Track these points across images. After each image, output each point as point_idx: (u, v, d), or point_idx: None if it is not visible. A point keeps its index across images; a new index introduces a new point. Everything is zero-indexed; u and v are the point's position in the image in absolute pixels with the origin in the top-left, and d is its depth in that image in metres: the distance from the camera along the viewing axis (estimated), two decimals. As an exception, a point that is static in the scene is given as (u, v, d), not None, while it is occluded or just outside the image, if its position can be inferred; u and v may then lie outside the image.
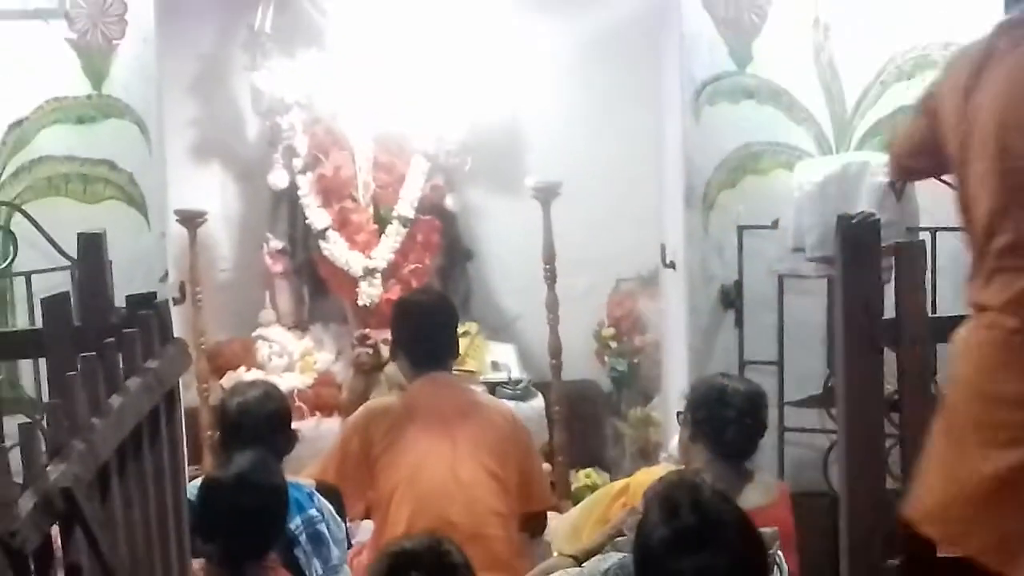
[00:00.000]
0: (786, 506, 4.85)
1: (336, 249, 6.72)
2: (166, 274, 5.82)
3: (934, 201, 5.42)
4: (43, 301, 4.21)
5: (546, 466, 6.15)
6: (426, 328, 5.46)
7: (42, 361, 4.61)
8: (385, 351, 6.13)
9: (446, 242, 6.94)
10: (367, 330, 6.45)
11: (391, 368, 5.99)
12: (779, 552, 4.17)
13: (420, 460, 5.25)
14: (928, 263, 4.39)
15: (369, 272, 6.66)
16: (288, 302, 6.87)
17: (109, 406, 3.20)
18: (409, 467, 5.25)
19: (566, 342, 6.55)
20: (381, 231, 6.79)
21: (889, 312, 4.20)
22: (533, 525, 5.30)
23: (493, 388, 6.31)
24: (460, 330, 6.34)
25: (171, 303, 4.71)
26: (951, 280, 4.88)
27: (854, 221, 4.31)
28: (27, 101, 5.74)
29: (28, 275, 5.50)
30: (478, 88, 6.81)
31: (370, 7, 6.80)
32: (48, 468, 2.75)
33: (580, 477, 6.40)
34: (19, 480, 2.60)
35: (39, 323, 4.29)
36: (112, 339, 3.48)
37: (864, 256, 4.22)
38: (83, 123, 5.78)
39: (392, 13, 6.79)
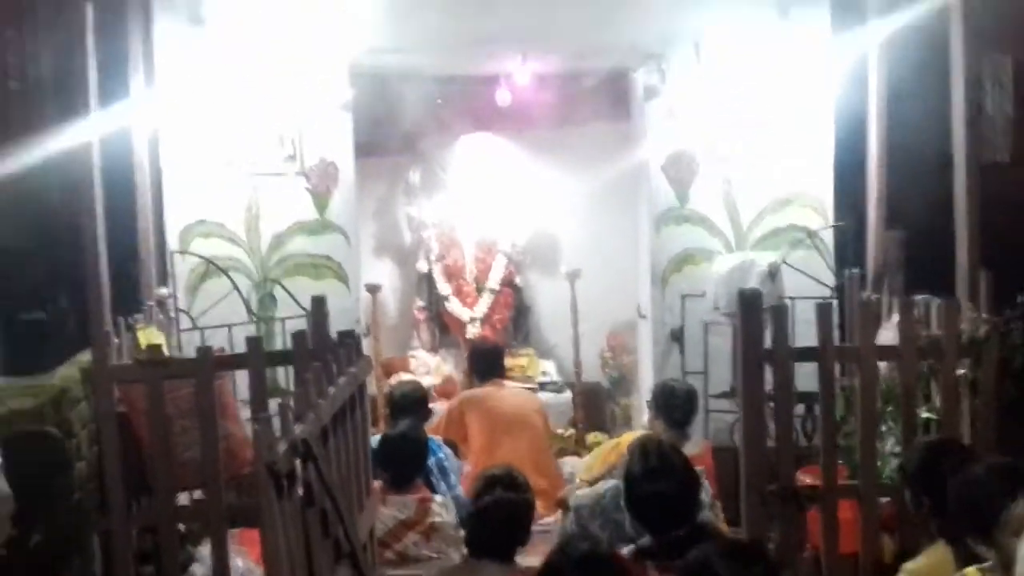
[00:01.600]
0: (709, 455, 4.96)
1: (454, 307, 7.01)
2: (358, 321, 5.91)
3: (791, 283, 5.74)
4: (292, 334, 4.39)
5: (571, 430, 6.39)
6: (485, 359, 5.78)
7: (291, 368, 4.53)
8: None
9: (515, 303, 7.18)
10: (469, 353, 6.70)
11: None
12: (705, 481, 4.22)
13: (492, 423, 5.48)
14: (791, 317, 4.54)
15: (472, 320, 6.96)
16: (427, 337, 7.12)
17: (328, 392, 3.29)
18: (488, 427, 5.47)
19: (584, 360, 6.79)
20: (479, 296, 7.02)
21: (767, 344, 4.31)
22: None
23: (543, 386, 6.60)
24: (523, 352, 6.75)
25: (362, 336, 5.03)
26: (803, 328, 5.04)
27: (748, 293, 4.40)
28: (284, 221, 5.90)
29: (283, 320, 5.68)
30: (534, 214, 7.12)
31: (471, 167, 7.08)
32: (294, 427, 2.84)
33: (591, 437, 6.52)
34: (278, 434, 2.73)
35: (289, 345, 4.44)
36: (330, 355, 3.63)
37: (754, 313, 4.30)
38: (313, 235, 5.94)
39: (484, 170, 7.08)
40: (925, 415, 4.47)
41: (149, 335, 4.71)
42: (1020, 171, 6.14)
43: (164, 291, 5.51)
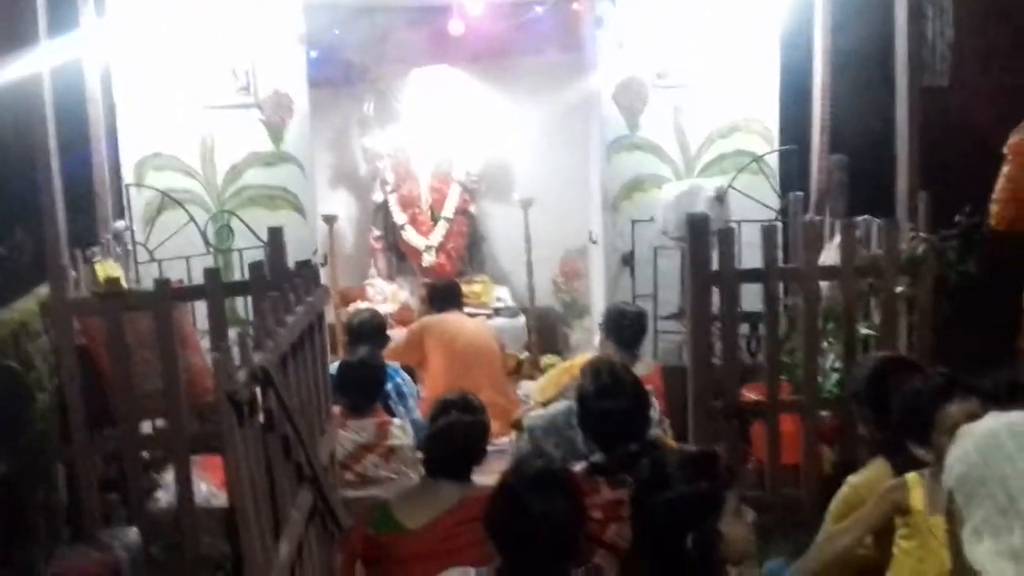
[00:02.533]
0: (658, 375, 4.94)
1: (410, 235, 7.00)
2: (316, 251, 5.86)
3: (738, 207, 5.76)
4: (250, 265, 4.37)
5: (525, 353, 6.43)
6: (442, 295, 5.80)
7: (249, 299, 4.48)
8: None
9: (470, 231, 7.17)
10: (427, 280, 6.76)
11: None
12: (654, 399, 4.00)
13: (450, 348, 5.50)
14: (737, 240, 4.56)
15: (428, 248, 6.96)
16: (384, 265, 7.10)
17: (286, 321, 3.25)
18: (445, 352, 5.49)
19: (537, 286, 6.81)
20: (434, 225, 7.01)
21: (714, 266, 4.35)
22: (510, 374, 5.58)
23: (498, 311, 6.61)
24: (477, 279, 6.75)
25: (319, 266, 4.94)
26: (749, 251, 5.02)
27: (696, 217, 4.44)
28: (239, 153, 5.84)
29: (240, 251, 5.64)
30: (487, 143, 7.07)
31: (425, 98, 7.00)
32: (254, 356, 2.80)
33: (546, 359, 6.57)
34: (238, 363, 2.68)
35: (247, 276, 4.40)
36: (287, 285, 3.55)
37: (701, 237, 4.35)
38: (269, 166, 5.90)
39: (438, 100, 7.00)
40: (864, 331, 4.55)
41: (107, 268, 4.68)
42: (959, 96, 6.19)
43: (120, 224, 5.47)
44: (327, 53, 6.70)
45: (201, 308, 4.53)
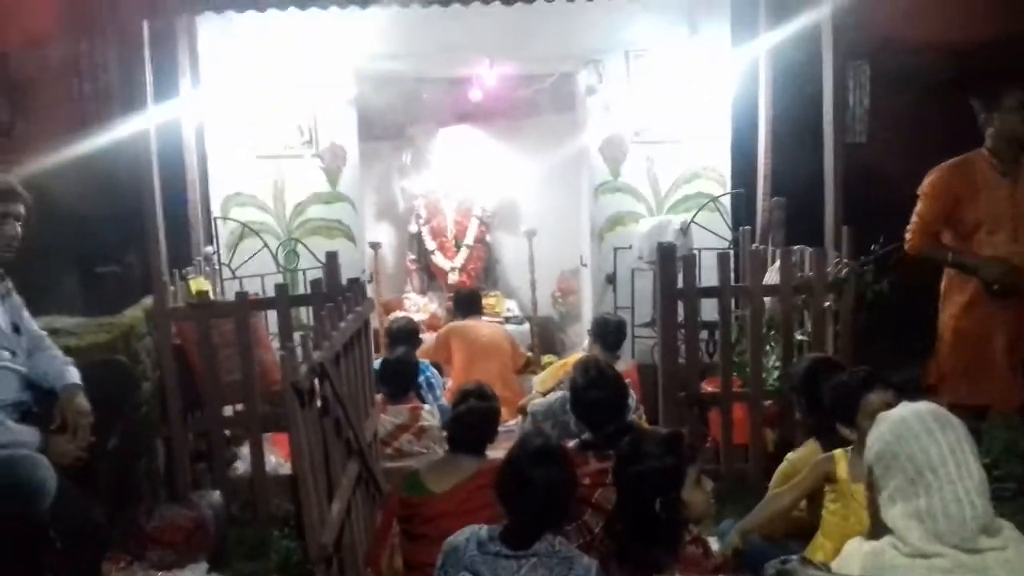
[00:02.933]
0: (635, 371, 4.96)
1: (438, 259, 6.97)
2: (364, 271, 5.88)
3: (698, 238, 5.74)
4: (311, 282, 4.38)
5: (529, 353, 6.34)
6: (466, 301, 5.77)
7: (310, 308, 4.52)
8: None
9: (486, 256, 7.13)
10: (451, 295, 6.71)
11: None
12: (632, 391, 3.95)
13: (471, 347, 5.46)
14: (697, 264, 4.52)
15: (453, 269, 6.93)
16: (417, 282, 7.05)
17: (339, 327, 3.31)
18: (466, 351, 5.45)
19: (539, 300, 6.71)
20: (458, 251, 6.98)
21: (679, 285, 4.35)
22: (523, 370, 5.44)
23: (508, 319, 6.57)
24: (492, 294, 6.67)
25: (367, 283, 4.92)
26: (707, 273, 4.89)
27: (665, 246, 4.46)
28: (303, 193, 5.81)
29: (304, 271, 5.64)
30: (500, 186, 7.06)
31: (451, 150, 7.01)
32: (313, 354, 2.86)
33: (545, 358, 6.43)
34: (300, 360, 2.75)
35: (309, 291, 4.43)
36: (341, 298, 3.63)
37: (669, 261, 4.36)
38: (327, 203, 5.83)
39: (461, 152, 7.02)
40: (799, 338, 4.54)
41: (198, 283, 4.69)
42: (874, 150, 6.19)
43: (209, 249, 5.48)
44: (374, 114, 6.67)
45: (272, 316, 4.51)
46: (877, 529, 1.99)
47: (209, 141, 5.67)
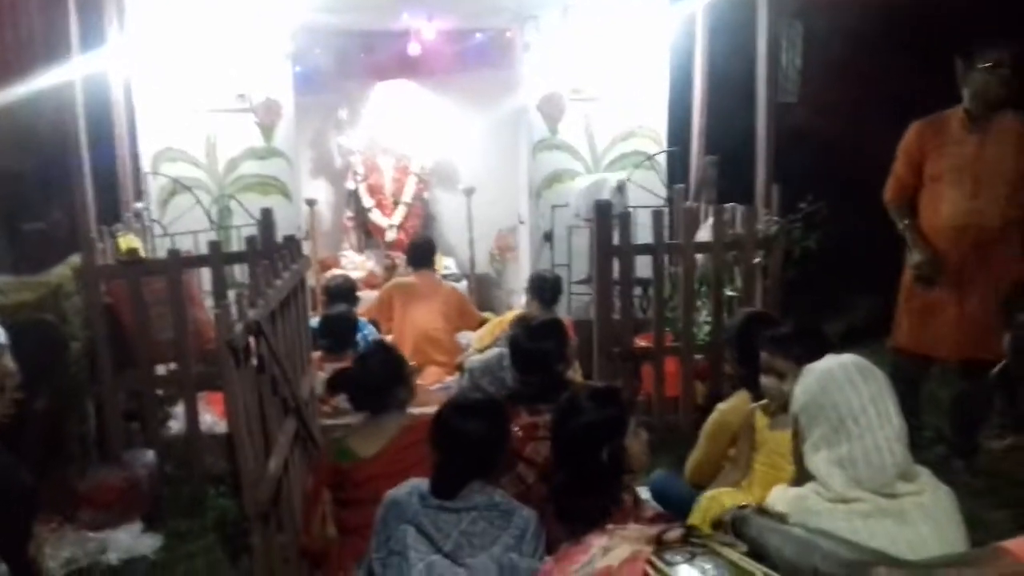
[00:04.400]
0: (571, 327, 4.64)
1: (376, 217, 6.82)
2: (299, 228, 5.77)
3: (634, 196, 5.77)
4: (245, 238, 4.31)
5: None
6: (420, 252, 5.59)
7: (245, 266, 4.52)
8: (398, 263, 6.33)
9: (424, 213, 7.00)
10: (389, 252, 6.67)
11: (400, 269, 6.18)
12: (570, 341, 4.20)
13: (413, 307, 5.34)
14: (633, 222, 4.49)
15: (390, 227, 6.78)
16: (354, 240, 6.90)
17: (275, 284, 3.25)
18: (408, 311, 5.34)
19: (477, 257, 6.72)
20: (396, 208, 6.83)
21: (615, 242, 4.35)
22: (476, 328, 5.35)
23: (445, 277, 6.36)
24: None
25: (302, 240, 4.77)
26: (642, 230, 4.86)
27: (601, 203, 4.47)
28: (237, 148, 5.69)
29: (238, 228, 5.56)
30: (438, 143, 6.92)
31: (388, 105, 6.86)
32: (248, 311, 2.82)
33: (485, 315, 6.18)
34: (235, 318, 2.68)
35: (244, 248, 4.31)
36: (276, 255, 3.58)
37: (605, 219, 4.36)
38: (262, 159, 5.74)
39: (399, 108, 6.85)
40: (729, 294, 4.60)
41: (128, 241, 4.57)
42: (804, 110, 6.26)
43: (139, 205, 5.35)
44: (310, 68, 6.55)
45: (206, 274, 4.44)
46: (802, 476, 2.04)
47: (138, 94, 5.50)
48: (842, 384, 1.97)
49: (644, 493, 3.18)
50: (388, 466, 2.82)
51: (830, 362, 2.04)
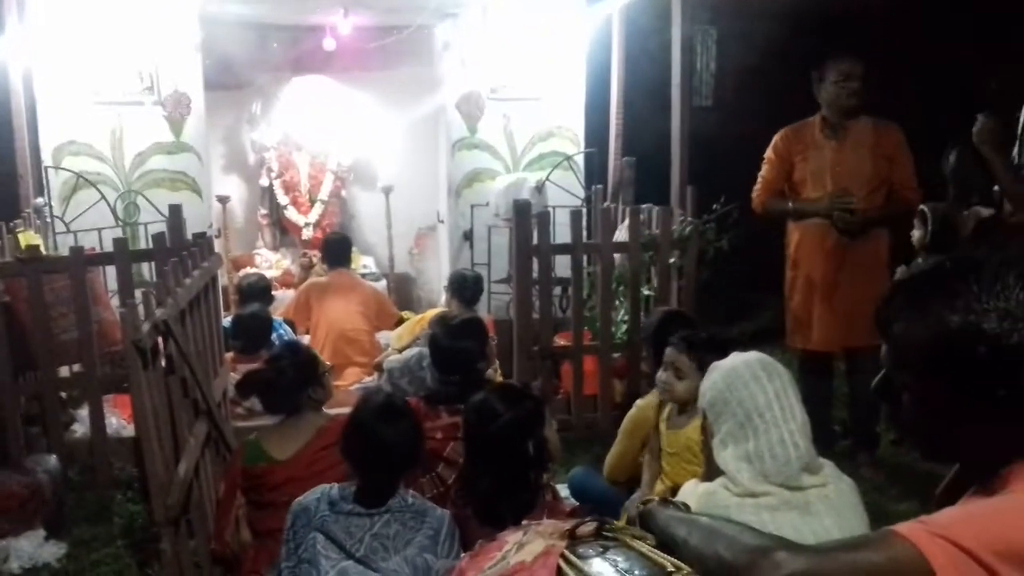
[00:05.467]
0: (491, 326, 4.74)
1: (291, 214, 6.71)
2: (211, 226, 5.53)
3: (553, 195, 5.83)
4: (153, 236, 4.23)
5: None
6: (335, 249, 5.54)
7: (154, 264, 4.35)
8: (315, 261, 6.20)
9: (341, 211, 6.92)
10: (305, 251, 6.56)
11: (317, 268, 6.07)
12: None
13: (331, 307, 5.29)
14: (552, 222, 4.52)
15: (307, 225, 6.68)
16: (269, 238, 6.79)
17: (184, 283, 3.22)
18: (326, 311, 5.29)
19: (396, 256, 6.64)
20: (312, 206, 6.73)
21: (534, 241, 4.36)
22: (395, 327, 5.30)
23: (364, 276, 6.27)
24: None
25: (214, 238, 4.74)
26: (561, 230, 4.84)
27: (520, 203, 4.50)
28: (144, 143, 5.52)
29: (145, 225, 5.35)
30: (355, 140, 6.83)
31: (304, 101, 6.74)
32: (156, 310, 2.78)
33: (404, 314, 6.07)
34: (142, 317, 2.66)
35: (151, 245, 4.24)
36: (185, 252, 3.53)
37: (525, 218, 4.40)
38: (171, 154, 5.58)
39: (315, 104, 6.75)
40: (646, 293, 4.69)
41: (28, 237, 4.42)
42: (719, 114, 6.47)
43: (40, 201, 5.17)
44: (221, 61, 6.34)
45: (111, 272, 4.29)
46: (711, 471, 2.10)
47: (39, 85, 5.32)
48: (747, 381, 2.03)
49: (563, 490, 3.23)
50: (305, 468, 2.77)
51: (735, 360, 2.11)
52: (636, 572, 1.17)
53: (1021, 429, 1.14)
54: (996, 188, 3.69)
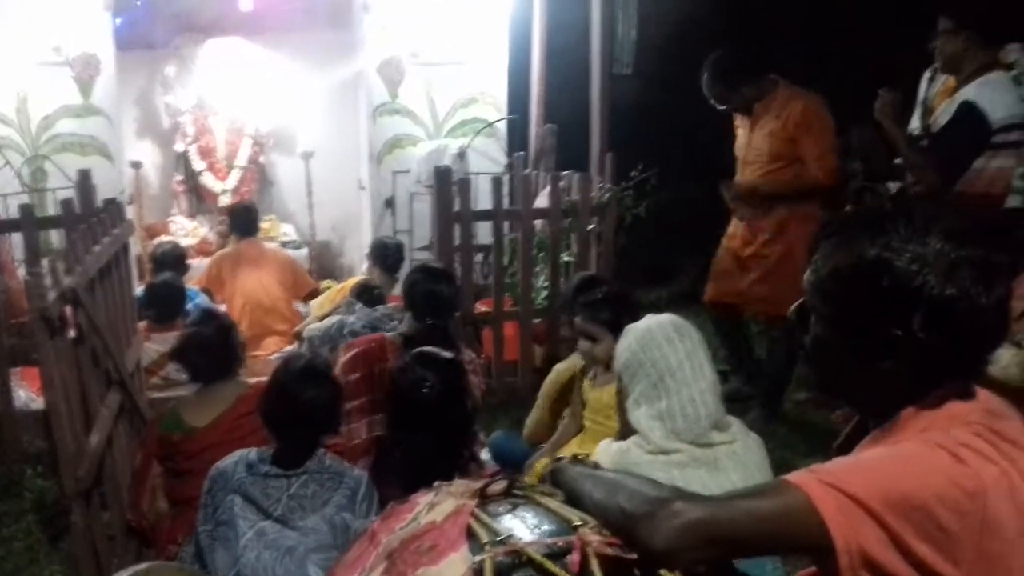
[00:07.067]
0: None
1: (208, 180, 6.46)
2: (123, 191, 5.49)
3: (474, 162, 5.81)
4: (61, 201, 4.10)
5: None
6: (242, 219, 5.44)
7: (62, 231, 4.24)
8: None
9: (260, 177, 6.70)
10: (223, 218, 6.26)
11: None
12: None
13: (245, 278, 5.23)
14: (473, 188, 4.51)
15: (224, 192, 6.45)
16: (185, 205, 6.56)
17: (93, 250, 3.11)
18: (240, 282, 5.23)
19: (317, 223, 6.55)
20: (229, 172, 6.50)
21: (456, 208, 4.40)
22: (310, 297, 5.31)
23: (284, 244, 6.26)
24: (267, 218, 6.28)
25: (126, 204, 4.67)
26: (483, 197, 4.86)
27: (442, 170, 4.48)
28: (51, 105, 5.38)
29: (54, 191, 5.23)
30: (274, 104, 6.63)
31: (220, 63, 6.50)
32: (65, 279, 2.71)
33: (324, 283, 6.01)
34: (49, 286, 2.56)
35: (60, 211, 4.10)
36: (95, 219, 3.40)
37: (446, 185, 4.38)
38: (79, 117, 5.46)
39: (231, 66, 6.52)
40: (566, 259, 4.74)
41: (-76, 203, 4.21)
42: (639, 82, 6.48)
43: (-63, 165, 4.95)
44: (133, 21, 6.13)
45: (17, 240, 4.18)
46: (625, 430, 2.17)
47: (-67, 44, 5.12)
48: (660, 342, 2.09)
49: (483, 454, 3.21)
50: (223, 435, 2.75)
51: (649, 321, 2.17)
52: (544, 527, 1.20)
53: (911, 375, 1.18)
54: (897, 161, 3.77)
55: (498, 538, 1.17)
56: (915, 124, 3.65)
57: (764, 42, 4.24)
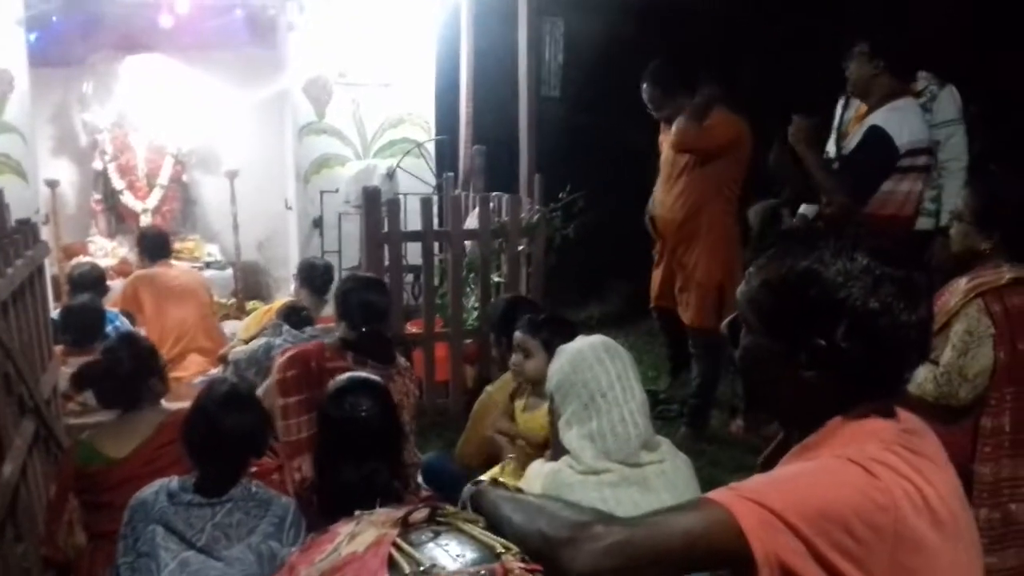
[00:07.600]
0: None
1: (128, 199, 6.34)
2: (37, 211, 5.33)
3: (404, 183, 5.83)
4: None
5: (232, 300, 6.11)
6: (153, 243, 5.36)
7: None
8: None
9: (182, 196, 6.59)
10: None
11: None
12: None
13: (164, 298, 5.13)
14: (403, 209, 4.59)
15: (145, 211, 6.33)
16: (104, 225, 6.40)
17: (5, 272, 2.94)
18: (159, 302, 5.13)
19: (242, 243, 6.33)
20: (151, 191, 6.39)
21: (385, 229, 4.41)
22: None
23: (208, 265, 6.18)
24: (190, 238, 6.28)
25: (41, 224, 4.47)
26: (412, 217, 4.79)
27: (371, 190, 4.48)
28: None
29: (-38, 211, 5.03)
30: (196, 122, 6.51)
31: (140, 81, 6.38)
32: None
33: (250, 304, 6.13)
34: None
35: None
36: (7, 240, 3.20)
37: (375, 205, 4.38)
38: (-9, 135, 5.26)
39: (151, 84, 6.40)
40: (496, 280, 4.76)
41: None
42: (566, 105, 6.60)
43: None
44: (47, 37, 5.95)
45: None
46: (557, 451, 2.17)
47: None
48: (592, 363, 2.11)
49: (419, 477, 3.21)
50: (143, 467, 2.62)
51: (581, 343, 2.19)
52: (467, 555, 1.18)
53: (834, 387, 1.21)
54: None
55: (420, 568, 1.15)
56: (831, 148, 3.76)
57: (687, 65, 4.33)
